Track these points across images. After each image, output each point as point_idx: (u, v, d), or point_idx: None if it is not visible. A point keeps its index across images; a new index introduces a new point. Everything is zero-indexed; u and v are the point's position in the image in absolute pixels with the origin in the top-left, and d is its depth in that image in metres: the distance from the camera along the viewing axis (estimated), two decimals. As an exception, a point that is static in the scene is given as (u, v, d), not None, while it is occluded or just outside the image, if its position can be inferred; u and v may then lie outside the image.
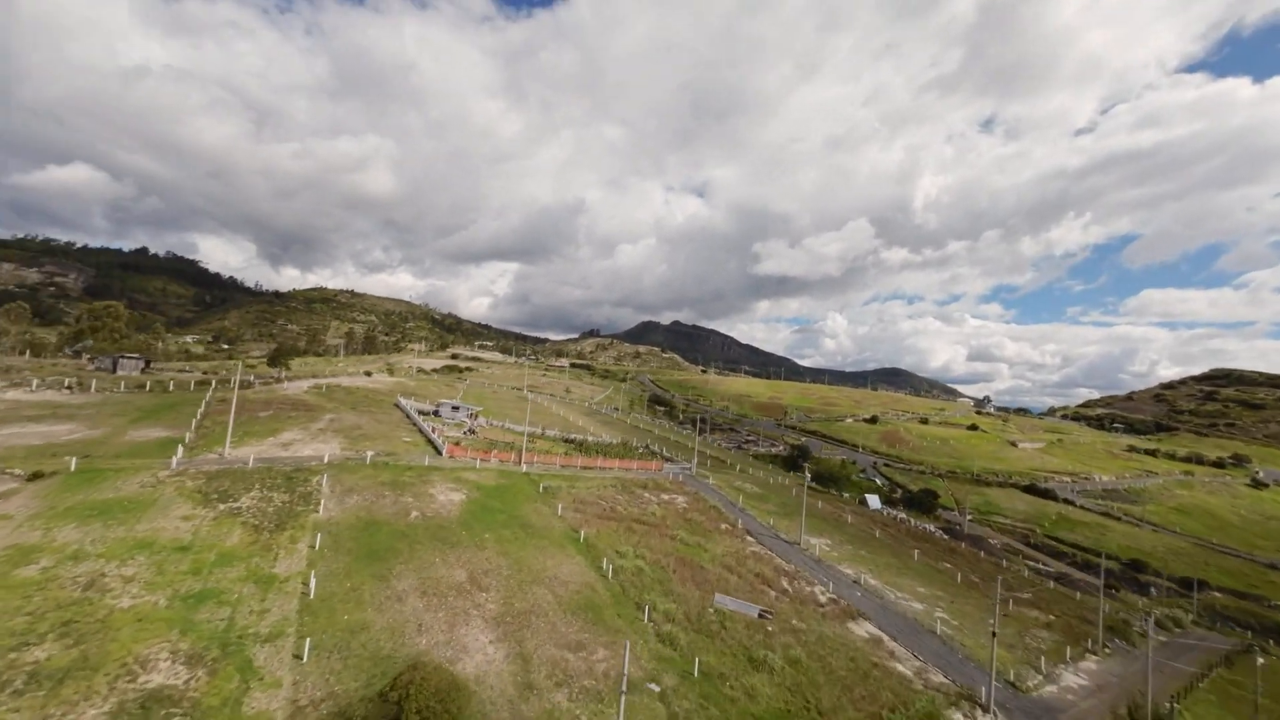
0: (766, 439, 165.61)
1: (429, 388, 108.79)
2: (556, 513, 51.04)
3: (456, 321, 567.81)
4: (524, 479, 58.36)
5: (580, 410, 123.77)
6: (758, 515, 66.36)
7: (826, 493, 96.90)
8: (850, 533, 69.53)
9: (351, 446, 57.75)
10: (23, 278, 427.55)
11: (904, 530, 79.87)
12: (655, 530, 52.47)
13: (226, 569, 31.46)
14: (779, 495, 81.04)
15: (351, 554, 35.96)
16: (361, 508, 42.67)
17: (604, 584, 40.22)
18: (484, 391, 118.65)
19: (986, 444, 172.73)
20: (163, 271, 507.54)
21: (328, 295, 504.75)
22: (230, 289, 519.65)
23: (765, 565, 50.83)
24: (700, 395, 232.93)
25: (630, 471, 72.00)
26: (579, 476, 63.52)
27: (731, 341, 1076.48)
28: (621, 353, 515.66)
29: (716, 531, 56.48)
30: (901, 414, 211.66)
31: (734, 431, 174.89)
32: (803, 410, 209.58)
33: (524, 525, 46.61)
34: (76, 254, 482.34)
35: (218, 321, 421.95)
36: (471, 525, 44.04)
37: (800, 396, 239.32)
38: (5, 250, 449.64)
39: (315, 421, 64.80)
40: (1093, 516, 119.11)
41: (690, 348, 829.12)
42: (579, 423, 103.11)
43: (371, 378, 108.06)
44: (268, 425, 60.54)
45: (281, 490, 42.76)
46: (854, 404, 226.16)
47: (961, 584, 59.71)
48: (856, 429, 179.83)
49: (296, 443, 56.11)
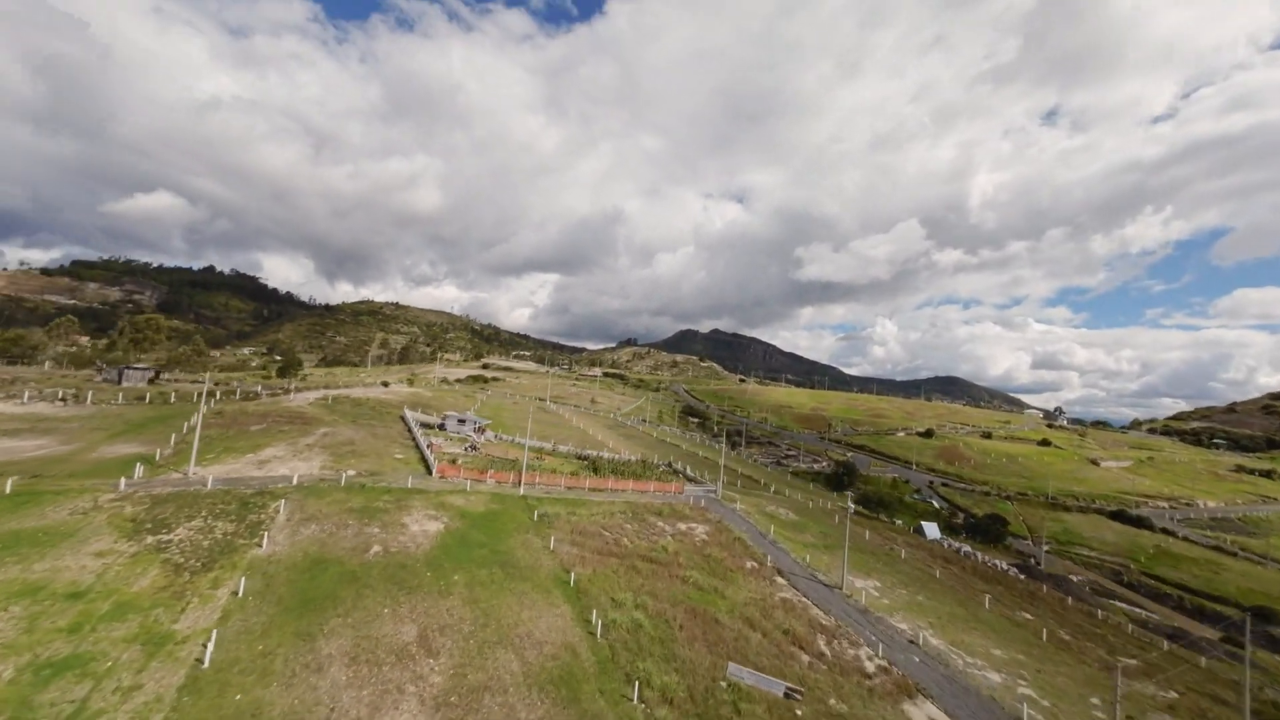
0: (808, 454, 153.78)
1: (446, 399, 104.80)
2: (548, 546, 43.96)
3: (495, 332, 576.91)
4: (519, 504, 51.70)
5: (603, 423, 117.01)
6: (792, 549, 57.11)
7: (875, 519, 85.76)
8: (904, 572, 59.07)
9: (334, 465, 52.84)
10: (106, 295, 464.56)
11: (970, 568, 68.25)
12: (664, 570, 44.47)
13: (115, 625, 25.94)
14: (819, 523, 71.15)
15: (281, 603, 29.99)
16: (314, 541, 36.94)
17: (590, 645, 32.66)
18: (503, 403, 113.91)
19: (1062, 462, 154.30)
20: (226, 288, 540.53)
21: (374, 308, 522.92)
22: (286, 303, 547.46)
23: (798, 618, 41.87)
24: (737, 406, 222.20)
25: (645, 494, 64.23)
26: (584, 501, 56.34)
27: (773, 350, 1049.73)
28: (658, 362, 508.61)
29: (740, 571, 47.86)
30: (960, 427, 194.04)
31: (772, 445, 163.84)
32: (849, 422, 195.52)
33: (506, 563, 39.74)
34: (152, 273, 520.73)
35: (273, 334, 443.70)
36: (441, 564, 37.52)
37: (846, 407, 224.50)
38: (92, 271, 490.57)
39: (306, 436, 60.62)
40: (1201, 551, 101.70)
41: (730, 356, 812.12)
42: (598, 437, 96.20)
43: (388, 388, 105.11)
44: (253, 440, 56.62)
45: (229, 518, 37.63)
46: (906, 416, 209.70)
47: (1049, 643, 48.47)
48: (909, 443, 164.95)
49: (275, 460, 51.63)
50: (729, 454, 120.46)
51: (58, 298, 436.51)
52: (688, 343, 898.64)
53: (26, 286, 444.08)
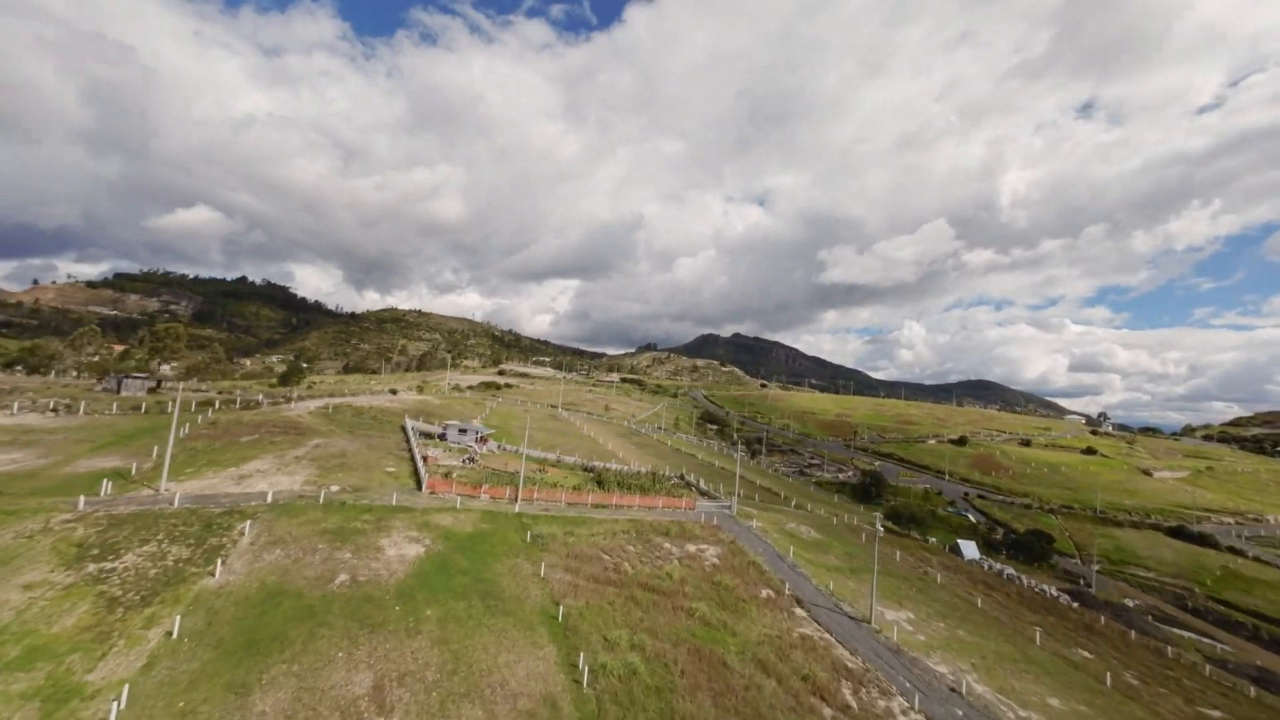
0: (833, 463, 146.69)
1: (453, 407, 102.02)
2: (539, 573, 39.73)
3: (515, 338, 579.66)
4: (512, 523, 47.66)
5: (615, 431, 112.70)
6: (813, 574, 51.66)
7: (906, 536, 79.20)
8: (941, 600, 52.99)
9: (319, 479, 49.74)
10: (145, 306, 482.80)
11: (1015, 594, 61.46)
12: (668, 601, 39.76)
13: (18, 676, 22.63)
14: (844, 542, 65.30)
15: (219, 646, 26.38)
16: (275, 569, 33.46)
17: (573, 697, 28.21)
18: (512, 411, 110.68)
19: (1110, 472, 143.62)
20: (257, 297, 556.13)
21: (397, 315, 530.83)
22: (314, 311, 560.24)
23: (819, 659, 36.64)
24: (758, 412, 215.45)
25: (652, 511, 59.55)
26: (584, 519, 52.01)
27: (796, 354, 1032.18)
28: (678, 367, 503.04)
29: (753, 602, 42.79)
30: (996, 434, 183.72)
31: (795, 454, 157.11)
32: (876, 429, 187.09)
33: (488, 594, 35.64)
34: (188, 284, 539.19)
35: (300, 342, 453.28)
36: (414, 595, 33.62)
37: (873, 413, 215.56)
38: (133, 283, 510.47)
39: (298, 447, 57.88)
40: (1276, 573, 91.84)
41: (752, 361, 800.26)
42: (608, 446, 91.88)
43: (396, 396, 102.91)
44: (240, 452, 54.05)
45: (187, 542, 34.48)
46: (937, 422, 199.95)
47: (1114, 690, 42.01)
48: (941, 451, 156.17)
49: (257, 474, 48.77)
50: (747, 464, 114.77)
51: (101, 309, 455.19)
52: (709, 347, 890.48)
53: (73, 299, 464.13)
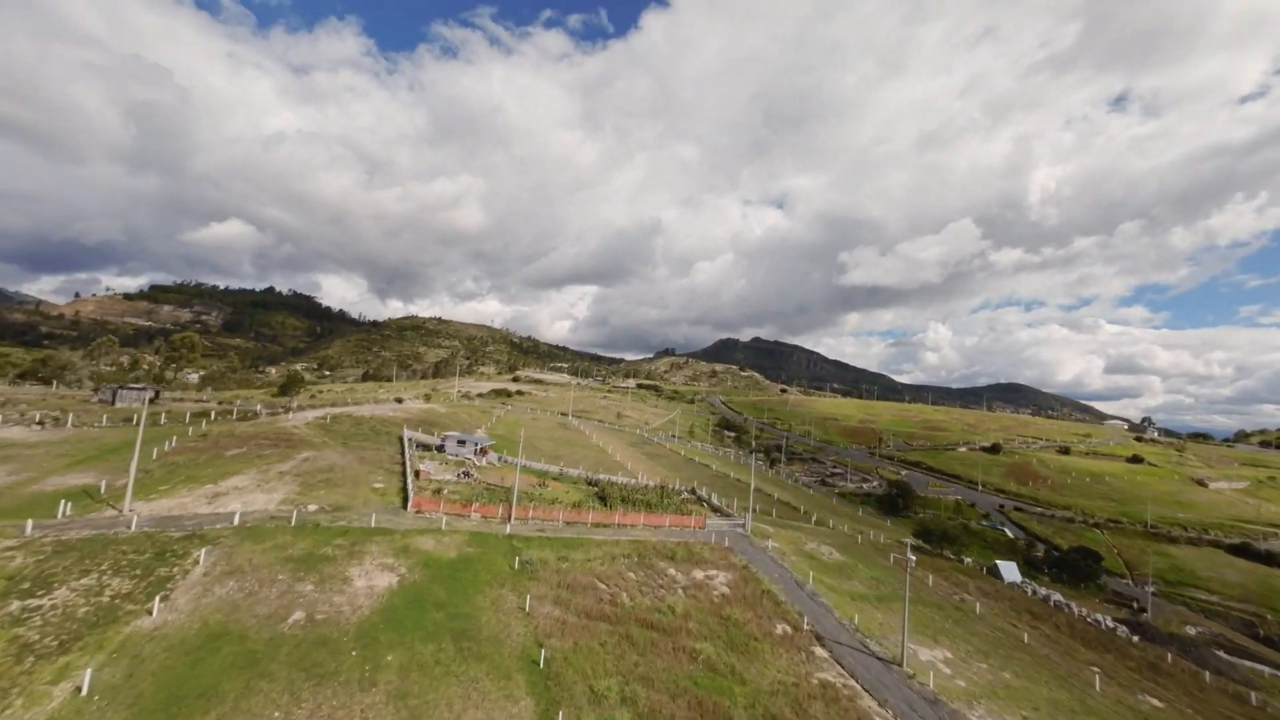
0: (857, 471, 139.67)
1: (459, 416, 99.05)
2: (524, 606, 35.51)
3: (533, 344, 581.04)
4: (501, 546, 43.61)
5: (626, 440, 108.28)
6: (836, 604, 46.33)
7: (938, 555, 72.85)
8: (981, 634, 47.08)
9: (299, 496, 46.54)
10: (177, 317, 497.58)
11: (1065, 625, 54.92)
12: (668, 641, 35.10)
13: (-117, 747, 19.27)
14: (870, 564, 59.60)
15: (136, 704, 22.76)
16: (224, 605, 29.93)
17: (547, 768, 23.83)
18: (520, 419, 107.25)
19: (1159, 482, 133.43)
20: (284, 307, 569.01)
21: (418, 323, 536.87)
22: (337, 320, 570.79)
23: (842, 713, 31.51)
24: (777, 419, 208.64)
25: (658, 531, 54.87)
26: (582, 541, 47.67)
27: (818, 358, 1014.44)
28: (697, 372, 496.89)
29: (767, 640, 37.82)
30: (1032, 441, 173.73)
31: (816, 462, 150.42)
32: (902, 436, 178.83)
33: (463, 633, 31.54)
34: (219, 295, 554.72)
35: (324, 350, 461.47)
36: (376, 637, 29.69)
37: (898, 419, 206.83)
38: (167, 295, 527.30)
39: (285, 461, 54.99)
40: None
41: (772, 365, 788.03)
42: (616, 457, 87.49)
43: (401, 404, 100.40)
44: (223, 466, 51.31)
45: (132, 573, 31.24)
46: (967, 428, 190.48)
47: (1195, 751, 35.81)
48: (972, 460, 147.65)
49: (234, 492, 45.77)
50: (764, 474, 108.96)
51: (137, 320, 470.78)
52: (728, 352, 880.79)
53: (111, 310, 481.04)
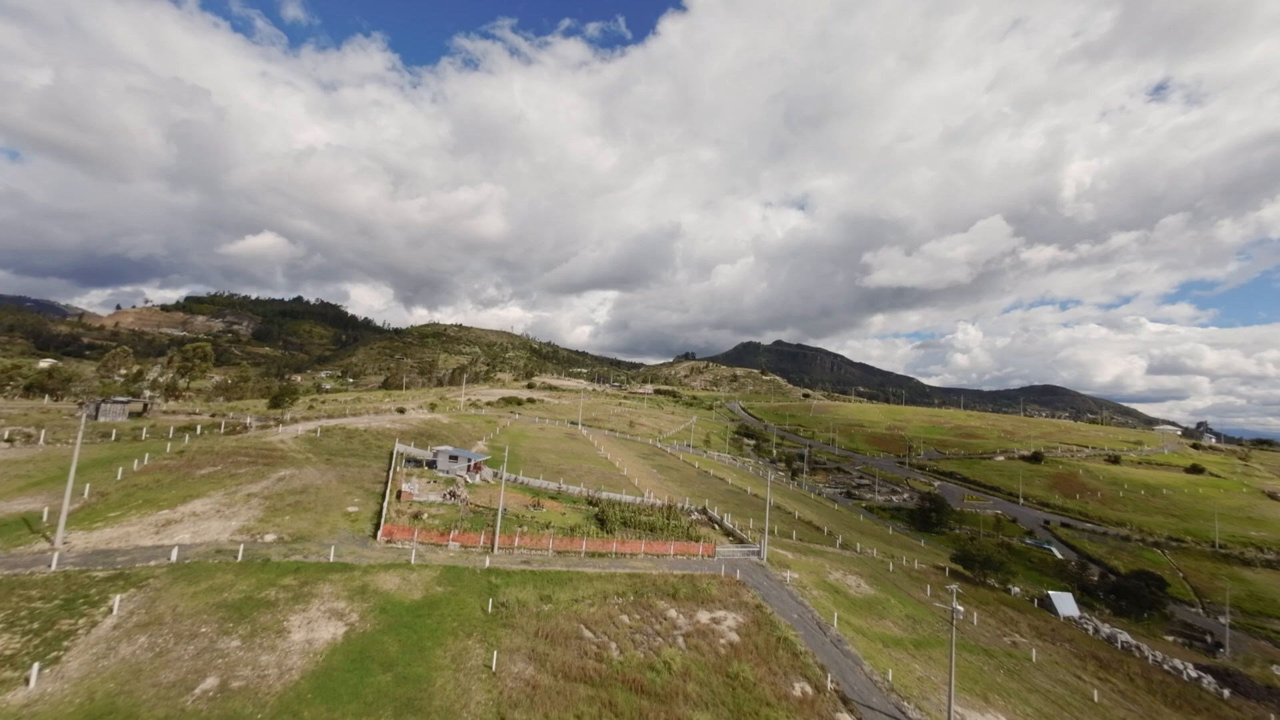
0: (885, 483, 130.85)
1: (462, 427, 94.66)
2: (491, 665, 29.92)
3: (553, 350, 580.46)
4: (477, 584, 38.18)
5: (637, 451, 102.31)
6: (866, 652, 39.49)
7: (982, 584, 64.83)
8: (1042, 690, 39.63)
9: (260, 524, 42.02)
10: (211, 327, 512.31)
11: (1140, 674, 46.77)
12: (661, 709, 28.96)
13: None
14: (904, 598, 52.37)
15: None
16: (124, 669, 25.08)
17: None
18: (526, 430, 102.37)
19: (1225, 495, 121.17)
20: (311, 316, 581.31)
21: (439, 330, 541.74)
22: (362, 328, 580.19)
23: (877, 816, 24.95)
24: (800, 425, 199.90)
25: (661, 560, 48.76)
26: (571, 576, 41.93)
27: (842, 361, 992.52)
28: (717, 376, 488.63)
29: (782, 705, 31.38)
30: (1077, 449, 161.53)
31: (841, 472, 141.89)
32: (933, 443, 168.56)
33: (406, 706, 26.04)
34: (250, 305, 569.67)
35: (348, 358, 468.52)
36: (298, 713, 24.42)
37: (929, 425, 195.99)
38: (201, 306, 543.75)
39: (257, 481, 50.81)
40: None
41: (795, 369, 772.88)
42: (624, 471, 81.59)
43: (404, 415, 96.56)
44: (189, 488, 47.30)
45: (29, 626, 26.70)
46: (1004, 435, 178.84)
47: None
48: (1011, 469, 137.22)
49: (188, 519, 41.49)
50: (785, 487, 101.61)
51: (172, 330, 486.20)
52: (749, 355, 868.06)
53: (149, 321, 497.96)
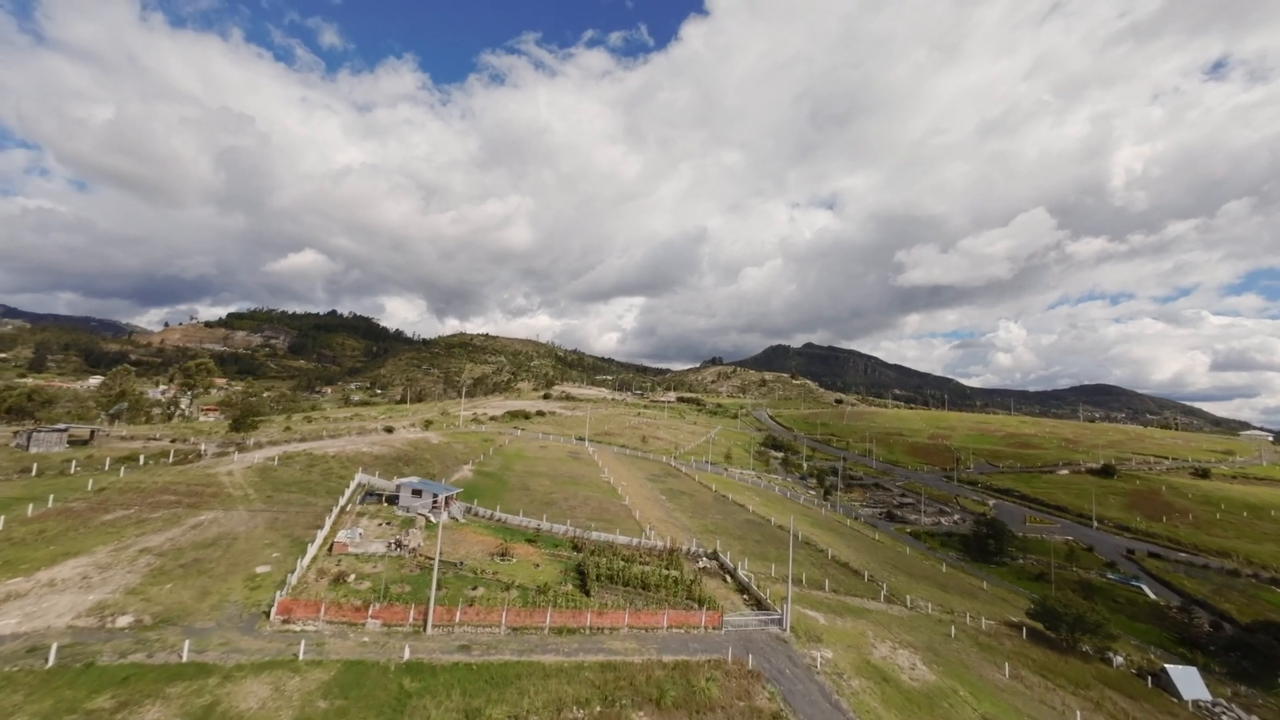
0: (931, 502, 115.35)
1: (453, 447, 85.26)
2: None
3: (579, 357, 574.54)
4: (381, 693, 27.44)
5: (647, 472, 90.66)
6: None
7: (1070, 651, 50.56)
8: None
9: (128, 597, 32.62)
10: (250, 341, 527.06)
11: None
12: None
13: None
14: (976, 685, 39.19)
15: None
16: None
17: None
18: (525, 448, 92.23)
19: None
20: (344, 329, 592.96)
21: (465, 340, 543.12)
22: (393, 340, 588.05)
23: None
24: (833, 434, 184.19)
25: (649, 637, 37.11)
26: (521, 670, 30.81)
27: (876, 362, 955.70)
28: (745, 381, 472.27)
29: None
30: (1154, 460, 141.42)
31: (880, 489, 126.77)
32: (983, 455, 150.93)
33: None
34: (286, 319, 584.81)
35: (378, 370, 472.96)
36: None
37: (976, 433, 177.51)
38: (242, 321, 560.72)
39: (166, 529, 41.82)
40: None
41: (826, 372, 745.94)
42: (627, 499, 70.05)
43: (392, 434, 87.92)
44: (69, 543, 38.51)
45: None
46: (1065, 444, 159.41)
47: None
48: (1079, 486, 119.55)
49: (35, 592, 32.38)
50: (815, 513, 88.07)
51: (214, 345, 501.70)
52: (778, 359, 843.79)
53: (193, 337, 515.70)
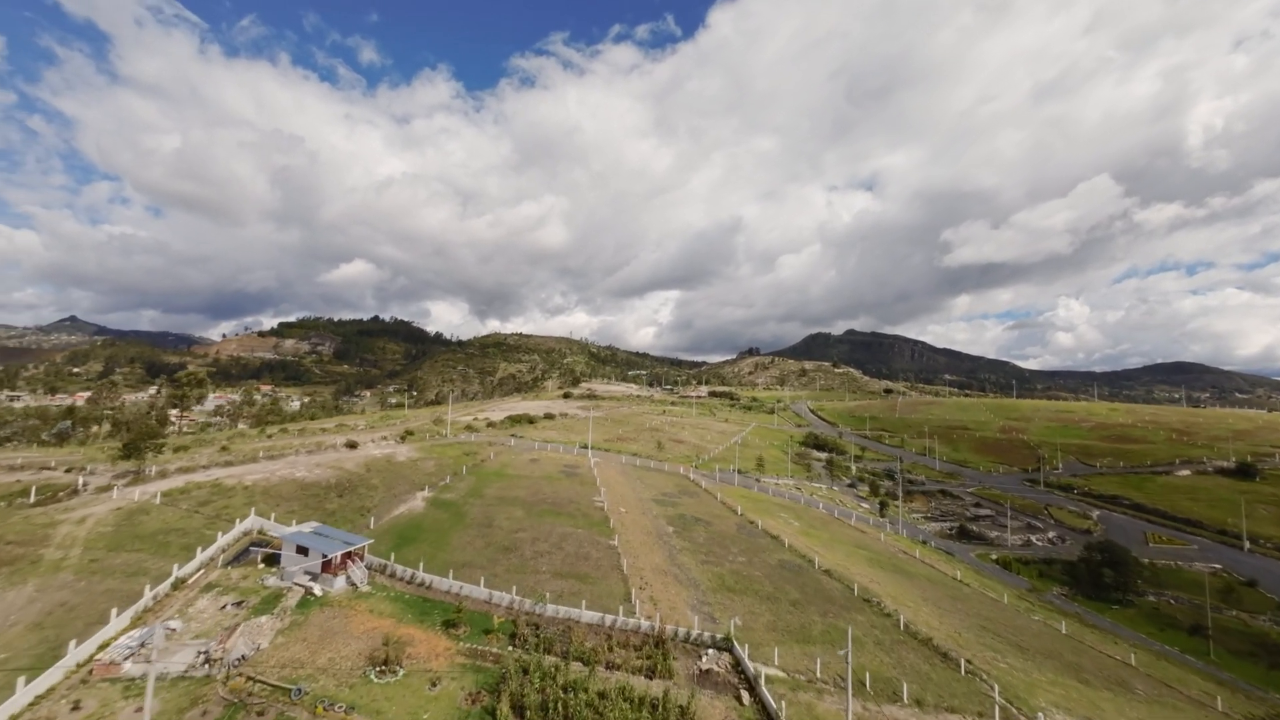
0: (1018, 514, 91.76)
1: (420, 467, 69.75)
2: None
3: (612, 353, 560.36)
4: None
5: (659, 488, 72.16)
6: None
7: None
8: None
9: None
10: (298, 349, 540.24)
11: None
12: None
13: None
14: None
15: None
16: None
17: None
18: (513, 461, 75.69)
19: None
20: (386, 333, 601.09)
21: (499, 339, 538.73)
22: (431, 343, 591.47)
23: None
24: (884, 429, 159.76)
25: None
26: None
27: (923, 347, 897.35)
28: (784, 371, 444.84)
29: None
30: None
31: (948, 497, 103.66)
32: (1072, 451, 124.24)
33: None
34: (332, 326, 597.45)
35: (415, 371, 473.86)
36: None
37: (1057, 424, 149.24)
38: (291, 330, 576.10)
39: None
40: None
41: (870, 360, 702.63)
42: (618, 535, 51.69)
43: (355, 449, 73.42)
44: None
45: None
46: (1174, 436, 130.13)
47: None
48: (1208, 490, 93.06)
49: None
50: (870, 544, 66.65)
51: (265, 354, 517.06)
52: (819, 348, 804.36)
53: (247, 347, 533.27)
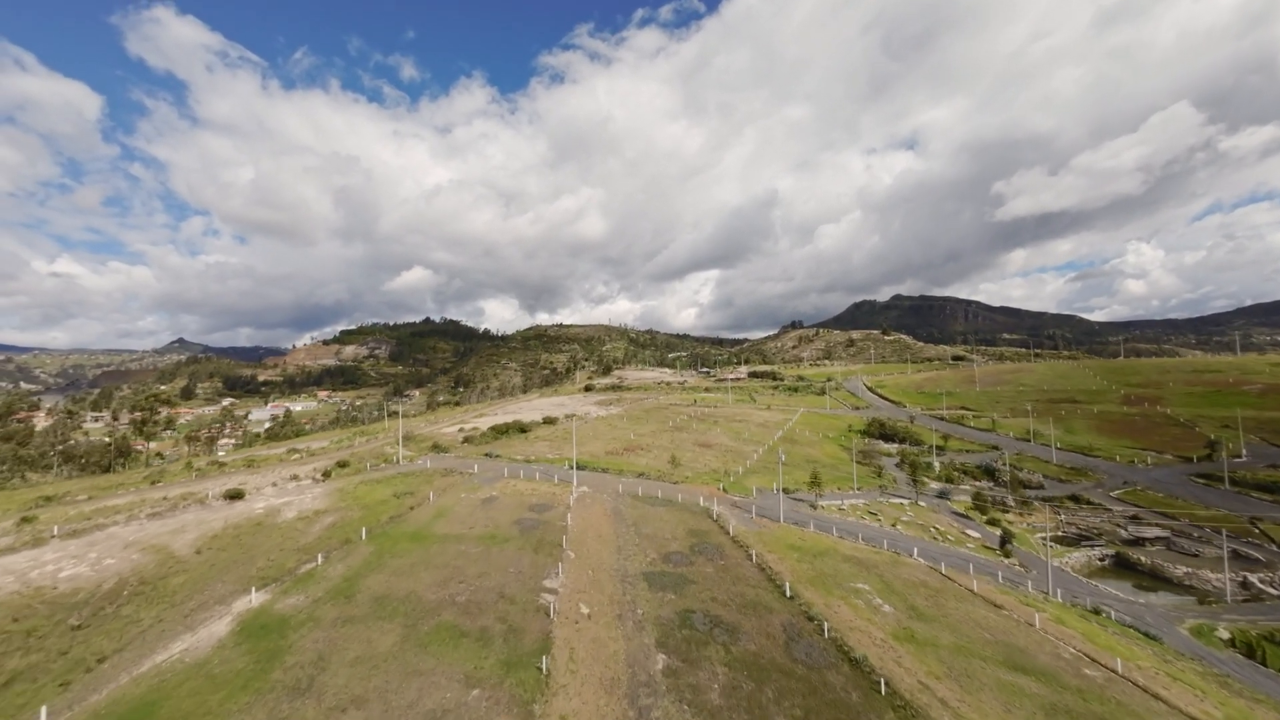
0: (1197, 529, 57.83)
1: (293, 535, 46.74)
2: None
3: (651, 337, 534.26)
4: None
5: (660, 543, 45.44)
6: None
7: None
8: None
9: None
10: (356, 354, 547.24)
11: None
12: None
13: None
14: None
15: None
16: None
17: None
18: (450, 509, 51.45)
19: None
20: (437, 333, 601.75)
21: (540, 331, 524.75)
22: (479, 339, 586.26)
23: None
24: (965, 409, 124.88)
25: None
26: None
27: (978, 307, 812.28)
28: (830, 343, 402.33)
29: None
30: None
31: (1081, 504, 70.44)
32: (1250, 427, 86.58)
33: None
34: (387, 331, 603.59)
35: (462, 368, 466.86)
36: None
37: (1203, 389, 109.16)
38: (350, 337, 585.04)
39: None
40: None
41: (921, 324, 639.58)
42: (583, 687, 26.35)
43: (234, 502, 51.49)
44: None
45: None
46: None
47: None
48: None
49: None
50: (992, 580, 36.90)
51: (327, 361, 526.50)
52: (864, 316, 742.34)
53: (313, 355, 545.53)
